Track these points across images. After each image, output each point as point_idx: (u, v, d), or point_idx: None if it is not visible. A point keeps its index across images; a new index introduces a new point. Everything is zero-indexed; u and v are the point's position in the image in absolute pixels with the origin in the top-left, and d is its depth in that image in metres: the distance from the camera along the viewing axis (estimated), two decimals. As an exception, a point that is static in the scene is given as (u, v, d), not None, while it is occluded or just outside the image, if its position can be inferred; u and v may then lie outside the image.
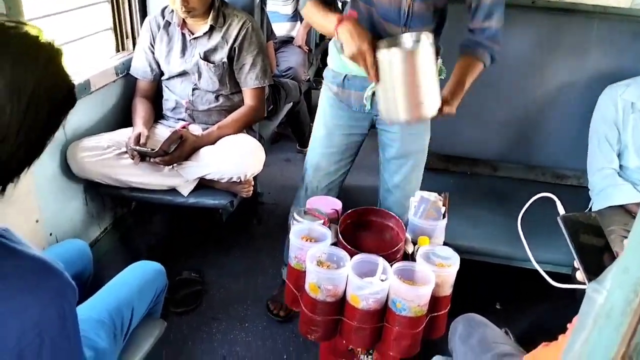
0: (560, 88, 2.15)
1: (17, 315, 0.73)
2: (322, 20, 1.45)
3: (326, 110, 1.76)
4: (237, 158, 1.83)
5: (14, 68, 0.69)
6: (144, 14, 2.20)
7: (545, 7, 2.12)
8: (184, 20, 1.96)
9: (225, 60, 1.98)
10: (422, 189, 1.78)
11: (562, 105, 2.16)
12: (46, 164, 1.70)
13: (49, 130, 0.78)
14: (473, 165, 2.40)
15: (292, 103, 3.05)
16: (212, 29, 1.97)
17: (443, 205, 1.63)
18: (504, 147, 2.28)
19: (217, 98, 2.04)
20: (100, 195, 1.96)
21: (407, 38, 1.39)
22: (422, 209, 1.61)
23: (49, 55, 0.75)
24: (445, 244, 1.53)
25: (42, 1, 1.91)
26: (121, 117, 2.07)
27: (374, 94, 1.60)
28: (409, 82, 1.29)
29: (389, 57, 1.29)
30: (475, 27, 1.53)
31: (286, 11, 3.37)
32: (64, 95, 0.79)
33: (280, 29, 3.34)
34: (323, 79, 1.76)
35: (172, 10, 1.96)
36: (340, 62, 1.65)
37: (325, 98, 1.76)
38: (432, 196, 1.64)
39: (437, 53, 1.55)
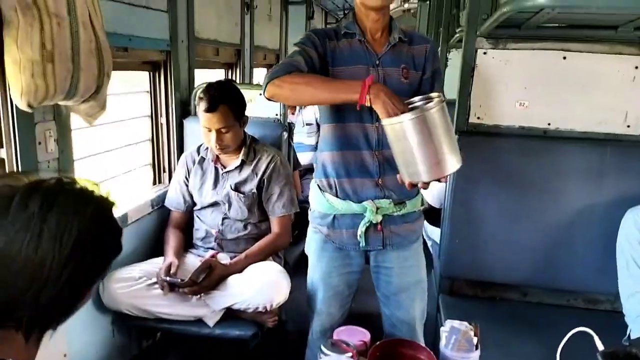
0: (580, 211, 2.18)
1: None
2: (333, 87, 1.42)
3: (318, 253, 1.73)
4: (262, 287, 1.85)
5: (59, 221, 0.73)
6: (180, 150, 2.38)
7: (556, 137, 2.22)
8: (217, 155, 2.11)
9: (254, 190, 2.09)
10: (450, 316, 1.74)
11: (584, 227, 2.17)
12: (78, 296, 1.75)
13: (93, 275, 0.81)
14: (502, 291, 2.35)
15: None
16: (243, 163, 2.10)
17: (474, 335, 1.59)
18: (533, 271, 2.25)
19: (245, 227, 2.12)
20: (128, 326, 1.97)
21: (417, 101, 1.43)
22: (453, 340, 1.56)
23: (99, 207, 0.79)
24: (480, 378, 1.46)
25: (91, 140, 2.10)
26: (155, 247, 2.16)
27: (367, 229, 1.62)
28: (425, 144, 1.29)
29: (401, 121, 1.30)
30: None
31: (310, 142, 3.60)
32: (110, 244, 0.82)
33: (305, 157, 3.55)
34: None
35: (207, 147, 2.13)
36: (326, 203, 1.65)
37: (315, 240, 1.73)
38: (463, 326, 1.60)
39: None
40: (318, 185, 1.70)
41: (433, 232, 2.81)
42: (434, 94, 1.42)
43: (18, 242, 0.72)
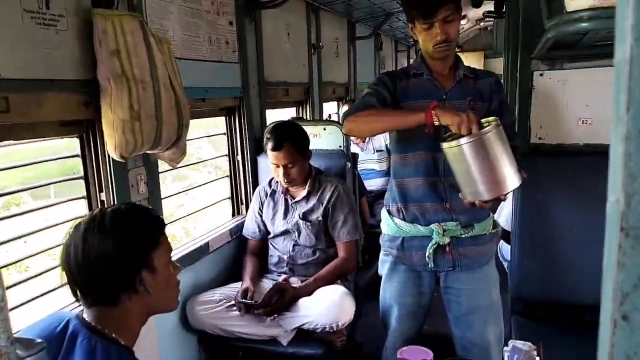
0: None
1: None
2: (402, 114, 1.59)
3: (390, 274, 1.85)
4: (327, 309, 1.99)
5: (127, 226, 1.05)
6: (255, 184, 2.62)
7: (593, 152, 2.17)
8: (286, 188, 2.31)
9: (320, 219, 2.25)
10: (521, 337, 1.75)
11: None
12: (167, 317, 1.99)
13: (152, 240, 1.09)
14: (579, 313, 2.28)
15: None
16: (309, 194, 2.28)
17: (537, 355, 1.60)
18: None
19: (314, 252, 2.29)
20: (212, 345, 2.19)
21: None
22: (514, 360, 1.59)
23: (145, 212, 1.12)
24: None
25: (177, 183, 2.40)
26: (234, 272, 2.38)
27: (435, 251, 1.70)
28: (483, 165, 1.39)
29: (459, 144, 1.39)
30: None
31: (381, 167, 3.72)
32: (153, 229, 1.11)
33: (377, 183, 3.67)
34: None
35: (277, 181, 2.33)
36: (394, 227, 1.77)
37: (387, 263, 1.85)
38: (526, 346, 1.62)
39: None
40: (388, 210, 1.83)
41: (508, 252, 2.80)
42: (490, 118, 1.50)
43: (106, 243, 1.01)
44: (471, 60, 8.48)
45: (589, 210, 2.17)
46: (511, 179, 1.43)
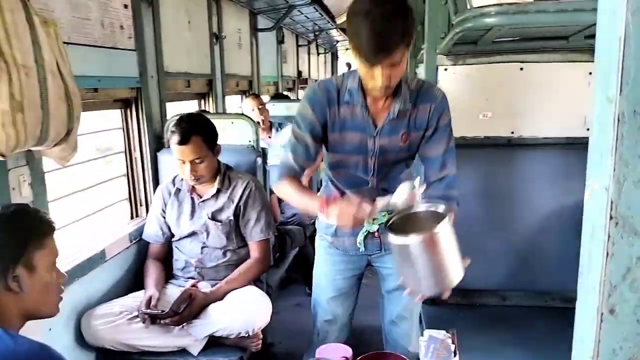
0: (550, 213, 2.25)
1: None
2: (304, 200, 1.57)
3: (324, 258, 1.87)
4: (243, 313, 1.89)
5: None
6: (156, 183, 2.41)
7: (521, 144, 2.31)
8: (193, 186, 2.15)
9: (231, 218, 2.13)
10: (431, 325, 1.79)
11: (556, 229, 2.24)
12: (61, 334, 1.76)
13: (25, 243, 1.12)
14: (481, 297, 2.41)
15: (298, 248, 3.15)
16: (218, 191, 2.14)
17: (452, 343, 1.63)
18: (510, 276, 2.31)
19: (224, 254, 2.15)
20: (112, 362, 1.98)
21: (422, 207, 1.40)
22: (431, 349, 1.61)
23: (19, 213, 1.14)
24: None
25: (65, 179, 2.14)
26: (135, 281, 2.17)
27: (366, 236, 1.73)
28: (431, 264, 1.30)
29: (405, 243, 1.29)
30: (434, 180, 1.61)
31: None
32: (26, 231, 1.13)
33: (284, 180, 3.59)
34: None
35: (182, 179, 2.16)
36: None
37: (322, 247, 1.87)
38: (441, 334, 1.65)
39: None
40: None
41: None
42: (440, 206, 1.38)
43: None
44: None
45: (489, 200, 2.29)
46: (456, 276, 1.36)
